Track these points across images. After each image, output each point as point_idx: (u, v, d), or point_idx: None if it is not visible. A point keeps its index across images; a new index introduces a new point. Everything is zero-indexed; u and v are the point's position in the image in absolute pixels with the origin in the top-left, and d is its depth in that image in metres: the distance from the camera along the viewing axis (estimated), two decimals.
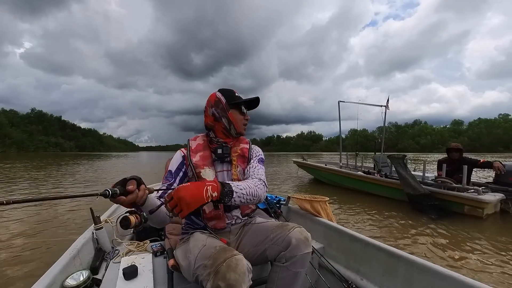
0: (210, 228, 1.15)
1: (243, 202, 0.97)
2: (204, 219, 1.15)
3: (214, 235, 1.12)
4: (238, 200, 0.94)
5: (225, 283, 0.77)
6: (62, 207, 4.73)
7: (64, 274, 1.09)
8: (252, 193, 1.00)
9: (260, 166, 1.20)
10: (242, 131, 1.22)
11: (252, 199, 1.00)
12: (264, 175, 1.16)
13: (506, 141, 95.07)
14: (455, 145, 4.41)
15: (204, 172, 1.14)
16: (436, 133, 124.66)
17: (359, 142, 8.50)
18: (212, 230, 1.14)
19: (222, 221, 1.15)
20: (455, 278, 0.98)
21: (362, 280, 1.33)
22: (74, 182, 8.52)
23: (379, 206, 4.62)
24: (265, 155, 1.29)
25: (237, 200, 0.94)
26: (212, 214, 1.14)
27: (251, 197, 0.99)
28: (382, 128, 7.09)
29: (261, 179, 1.11)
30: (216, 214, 1.14)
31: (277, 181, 8.77)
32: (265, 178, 1.14)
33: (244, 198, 0.96)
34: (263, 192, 1.06)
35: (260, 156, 1.25)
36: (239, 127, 1.19)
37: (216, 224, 1.14)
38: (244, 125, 1.22)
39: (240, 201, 0.95)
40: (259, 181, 1.08)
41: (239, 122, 1.19)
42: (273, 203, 2.15)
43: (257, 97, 1.23)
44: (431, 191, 4.14)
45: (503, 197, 3.85)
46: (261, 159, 1.25)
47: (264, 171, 1.20)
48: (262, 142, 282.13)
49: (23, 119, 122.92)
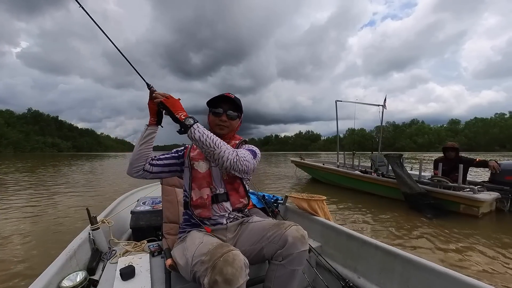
0: (196, 216, 1.16)
1: (202, 140, 0.99)
2: (191, 207, 1.16)
3: (210, 234, 1.12)
4: (197, 135, 0.99)
5: (222, 278, 0.78)
6: (59, 207, 4.70)
7: (60, 275, 1.09)
8: (215, 142, 1.01)
9: (245, 149, 1.16)
10: (217, 131, 1.21)
11: (211, 145, 0.99)
12: (245, 154, 1.10)
13: (502, 140, 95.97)
14: (451, 144, 4.45)
15: (197, 164, 1.19)
16: (433, 132, 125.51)
17: (357, 142, 8.54)
18: (198, 219, 1.16)
19: (208, 210, 1.16)
20: (451, 276, 0.99)
21: (359, 278, 1.34)
22: (67, 187, 8.46)
23: (376, 205, 4.64)
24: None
25: (197, 133, 0.99)
26: (198, 202, 1.15)
27: (211, 142, 1.00)
28: (380, 128, 7.13)
29: (236, 151, 1.07)
30: (202, 202, 1.15)
31: (274, 180, 8.77)
32: (244, 156, 1.09)
33: (203, 137, 0.99)
34: (230, 153, 1.02)
35: (248, 147, 1.23)
36: (212, 127, 1.23)
37: (201, 212, 1.16)
38: (217, 126, 1.21)
39: (199, 137, 0.99)
40: (232, 150, 1.05)
41: (211, 123, 1.23)
42: (271, 202, 2.16)
43: (222, 95, 1.22)
44: (427, 190, 4.16)
45: (498, 196, 3.88)
46: (250, 149, 1.20)
47: (252, 158, 1.14)
48: (260, 141, 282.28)
49: (20, 119, 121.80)
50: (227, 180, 1.21)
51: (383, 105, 6.56)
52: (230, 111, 1.21)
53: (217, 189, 1.19)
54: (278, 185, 7.56)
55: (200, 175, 1.18)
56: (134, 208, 1.83)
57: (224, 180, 1.20)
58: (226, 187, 1.20)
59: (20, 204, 4.95)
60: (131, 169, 1.14)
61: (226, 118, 1.21)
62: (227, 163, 1.02)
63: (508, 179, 3.96)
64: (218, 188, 1.19)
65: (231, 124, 1.23)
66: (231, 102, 1.22)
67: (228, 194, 1.20)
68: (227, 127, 1.22)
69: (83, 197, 5.77)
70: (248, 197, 1.27)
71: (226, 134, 1.23)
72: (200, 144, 1.00)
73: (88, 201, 5.34)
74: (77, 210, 4.50)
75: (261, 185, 7.09)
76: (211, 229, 1.15)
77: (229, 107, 1.22)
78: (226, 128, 1.22)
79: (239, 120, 1.29)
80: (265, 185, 7.54)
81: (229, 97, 1.21)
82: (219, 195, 1.18)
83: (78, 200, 5.46)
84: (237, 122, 1.28)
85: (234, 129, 1.27)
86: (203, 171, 1.18)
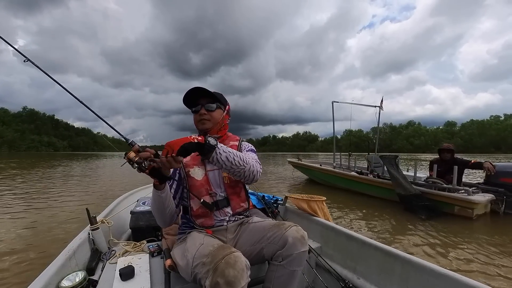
0: (198, 226, 1.15)
1: (230, 160, 0.94)
2: (192, 217, 1.14)
3: (211, 235, 1.12)
4: (224, 155, 0.93)
5: (224, 280, 0.78)
6: (58, 207, 4.66)
7: (59, 275, 1.08)
8: (241, 157, 0.98)
9: (250, 153, 1.17)
10: (200, 127, 1.18)
11: (241, 163, 0.97)
12: (256, 157, 1.13)
13: (497, 142, 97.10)
14: (446, 146, 4.46)
15: (193, 171, 1.15)
16: (430, 134, 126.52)
17: (354, 143, 8.57)
18: (201, 228, 1.14)
19: (210, 218, 1.15)
20: (451, 277, 1.00)
21: (359, 279, 1.35)
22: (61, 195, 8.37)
23: (371, 206, 4.66)
24: (261, 156, 1.28)
25: (223, 154, 0.92)
26: (199, 212, 1.14)
27: (239, 160, 0.97)
28: (376, 129, 7.17)
29: (255, 159, 1.10)
30: (204, 211, 1.14)
31: (271, 181, 8.78)
32: (258, 161, 1.11)
33: (231, 157, 0.94)
34: (256, 165, 1.04)
35: (250, 147, 1.24)
36: (196, 126, 1.20)
37: (204, 222, 1.15)
38: (199, 122, 1.17)
39: (226, 158, 0.93)
40: (251, 158, 1.06)
41: (195, 122, 1.20)
42: (270, 202, 2.16)
43: (191, 88, 1.15)
44: (422, 191, 4.18)
45: (493, 197, 3.89)
46: (251, 149, 1.22)
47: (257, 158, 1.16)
48: (258, 142, 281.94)
49: (15, 118, 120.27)
50: (229, 184, 1.19)
51: (380, 107, 6.60)
52: (208, 104, 1.16)
53: (217, 194, 1.16)
54: (275, 186, 7.56)
55: (197, 183, 1.14)
56: (134, 208, 1.82)
57: (225, 184, 1.18)
58: (226, 191, 1.18)
59: (19, 204, 4.90)
60: (170, 223, 1.15)
61: (205, 111, 1.16)
62: (257, 176, 1.04)
63: (503, 180, 3.97)
64: (218, 193, 1.16)
65: (212, 117, 1.17)
66: (207, 95, 1.17)
67: (228, 199, 1.18)
68: (209, 120, 1.16)
69: (83, 197, 5.73)
70: (249, 200, 1.27)
71: (211, 129, 1.18)
72: (229, 165, 0.95)
73: (88, 201, 5.30)
74: (77, 210, 4.47)
75: (258, 186, 7.08)
76: (212, 230, 1.15)
77: (207, 101, 1.17)
78: (208, 121, 1.16)
79: (223, 112, 1.22)
80: (260, 184, 7.54)
81: (202, 89, 1.14)
82: (220, 201, 1.16)
83: (78, 200, 5.42)
84: (221, 114, 1.21)
85: (219, 122, 1.20)
86: (200, 178, 1.15)
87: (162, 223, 1.13)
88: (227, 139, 1.26)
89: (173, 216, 1.12)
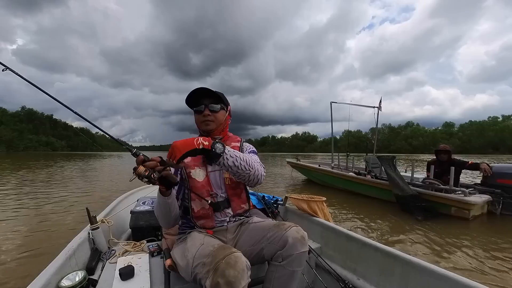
0: (199, 227, 1.15)
1: (236, 165, 0.94)
2: (193, 218, 1.14)
3: (211, 235, 1.12)
4: (231, 160, 0.93)
5: (224, 280, 0.78)
6: (58, 207, 4.65)
7: (59, 275, 1.08)
8: (247, 161, 0.98)
9: (252, 155, 1.16)
10: (204, 128, 1.17)
11: (247, 168, 0.98)
12: (258, 160, 1.13)
13: (495, 143, 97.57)
14: (443, 147, 4.47)
15: (194, 172, 1.14)
16: (428, 135, 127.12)
17: (352, 143, 8.58)
18: (202, 229, 1.14)
19: (211, 220, 1.15)
20: (451, 278, 1.00)
21: (359, 279, 1.35)
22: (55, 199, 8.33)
23: (369, 207, 4.67)
24: (260, 156, 1.29)
25: (230, 159, 0.92)
26: (201, 213, 1.14)
27: (245, 164, 0.97)
28: (375, 129, 7.18)
29: (259, 162, 1.10)
30: (205, 213, 1.14)
31: (269, 181, 8.77)
32: (261, 163, 1.11)
33: (237, 162, 0.94)
34: (260, 169, 1.05)
35: (251, 149, 1.24)
36: (199, 127, 1.20)
37: (205, 223, 1.15)
38: (202, 123, 1.17)
39: (233, 163, 0.93)
40: (255, 161, 1.06)
41: (197, 122, 1.20)
42: (270, 203, 2.16)
43: (196, 89, 1.14)
44: (419, 192, 4.18)
45: (490, 198, 3.90)
46: (253, 151, 1.22)
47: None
48: (257, 142, 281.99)
49: (13, 117, 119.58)
50: (230, 185, 1.18)
51: (379, 107, 6.61)
52: (212, 104, 1.16)
53: (217, 195, 1.16)
54: (273, 187, 7.56)
55: (199, 184, 1.13)
56: (134, 208, 1.82)
57: (226, 185, 1.18)
58: (227, 192, 1.18)
59: (18, 204, 4.88)
60: (174, 225, 1.15)
61: (209, 112, 1.15)
62: (261, 180, 1.04)
63: (500, 182, 3.98)
64: (218, 194, 1.16)
65: (216, 118, 1.16)
66: (211, 95, 1.16)
67: (229, 200, 1.18)
68: (213, 121, 1.16)
69: (82, 197, 5.71)
70: (249, 201, 1.27)
71: (215, 130, 1.17)
72: (235, 170, 0.95)
73: (88, 201, 5.28)
74: (77, 209, 4.45)
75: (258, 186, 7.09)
76: (212, 230, 1.15)
77: (210, 101, 1.16)
78: (212, 122, 1.16)
79: (226, 113, 1.22)
80: (259, 185, 7.54)
81: (206, 89, 1.15)
82: (220, 202, 1.16)
83: (77, 199, 5.39)
84: (224, 115, 1.20)
85: (222, 123, 1.20)
86: (201, 179, 1.14)
87: (166, 225, 1.13)
88: (228, 140, 1.25)
89: (177, 218, 1.12)
